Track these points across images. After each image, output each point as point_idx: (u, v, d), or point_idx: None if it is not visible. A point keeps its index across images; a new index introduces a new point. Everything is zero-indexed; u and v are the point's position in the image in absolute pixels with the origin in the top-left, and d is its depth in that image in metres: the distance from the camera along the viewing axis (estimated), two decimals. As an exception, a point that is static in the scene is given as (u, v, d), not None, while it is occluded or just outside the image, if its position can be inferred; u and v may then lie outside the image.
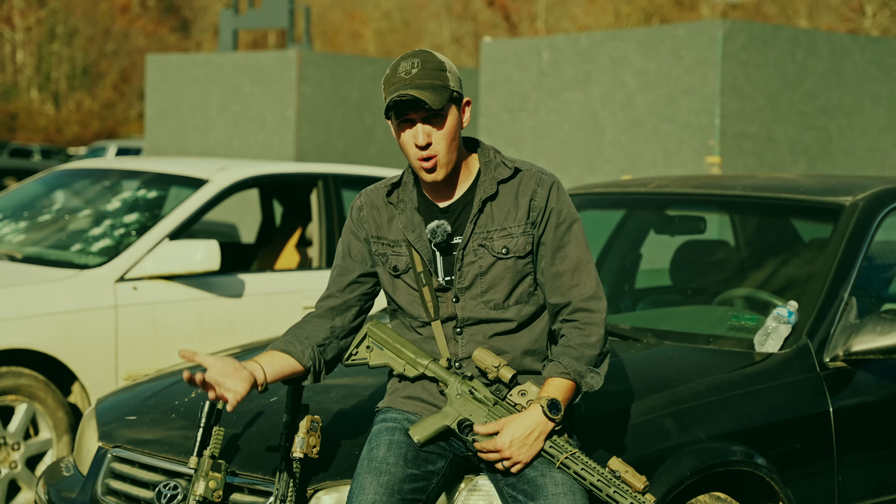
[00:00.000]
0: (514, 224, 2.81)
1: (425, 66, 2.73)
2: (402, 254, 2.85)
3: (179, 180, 5.95)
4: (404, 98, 2.69)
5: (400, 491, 2.70)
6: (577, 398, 2.76)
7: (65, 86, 44.76)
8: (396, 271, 2.86)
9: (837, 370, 3.55)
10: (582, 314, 2.79)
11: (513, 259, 2.81)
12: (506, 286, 2.80)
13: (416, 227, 2.84)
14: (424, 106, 2.70)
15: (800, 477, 3.36)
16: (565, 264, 2.81)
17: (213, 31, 48.01)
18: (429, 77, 2.71)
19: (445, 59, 2.78)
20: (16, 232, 6.03)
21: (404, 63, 2.74)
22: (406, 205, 2.86)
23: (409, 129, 2.76)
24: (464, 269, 2.81)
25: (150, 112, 14.81)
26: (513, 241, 2.80)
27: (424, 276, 2.82)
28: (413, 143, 2.75)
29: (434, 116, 2.74)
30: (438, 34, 46.34)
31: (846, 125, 10.81)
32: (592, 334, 2.78)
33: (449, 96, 2.73)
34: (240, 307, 5.57)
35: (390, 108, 2.73)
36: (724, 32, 9.99)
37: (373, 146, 14.03)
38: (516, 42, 12.06)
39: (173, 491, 3.10)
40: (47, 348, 4.99)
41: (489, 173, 2.84)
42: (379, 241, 2.89)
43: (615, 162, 10.68)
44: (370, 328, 2.90)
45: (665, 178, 4.69)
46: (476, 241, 2.81)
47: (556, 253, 2.81)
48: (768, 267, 4.31)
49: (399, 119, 2.76)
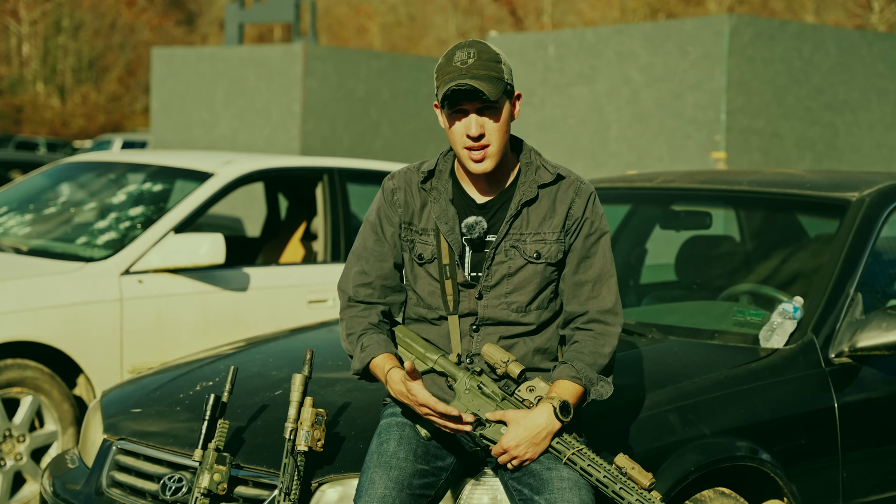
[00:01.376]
0: (549, 231, 2.79)
1: (482, 56, 2.69)
2: (430, 243, 2.83)
3: (185, 173, 5.95)
4: (462, 87, 2.65)
5: (409, 486, 2.70)
6: (583, 404, 2.77)
7: (70, 79, 44.80)
8: (422, 260, 2.83)
9: (842, 366, 3.54)
10: (598, 325, 2.80)
11: (543, 265, 2.79)
12: (531, 290, 2.79)
13: (449, 219, 2.81)
14: (482, 97, 2.66)
15: (804, 472, 3.35)
16: (588, 275, 2.80)
17: (219, 24, 48.02)
18: (485, 68, 2.68)
19: (500, 51, 2.74)
20: (21, 225, 6.03)
21: (460, 52, 2.70)
22: (440, 194, 2.83)
23: (462, 120, 2.72)
24: (493, 267, 2.79)
25: (156, 105, 14.82)
26: (546, 248, 2.79)
27: (450, 268, 2.80)
28: (465, 134, 2.71)
29: (488, 108, 2.70)
30: (444, 29, 46.30)
31: (853, 121, 10.79)
32: (606, 345, 2.78)
33: (504, 88, 2.70)
34: (245, 301, 5.57)
35: (446, 97, 2.68)
36: (731, 28, 9.98)
37: (378, 140, 14.03)
38: (522, 37, 12.05)
39: (178, 483, 3.11)
40: (53, 341, 5.00)
41: (529, 175, 2.81)
42: (409, 227, 2.86)
43: (621, 157, 10.67)
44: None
45: (671, 174, 4.68)
46: (509, 241, 2.79)
47: (581, 262, 2.81)
48: (774, 262, 4.31)
49: (452, 109, 2.72)
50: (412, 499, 2.70)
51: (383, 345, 2.78)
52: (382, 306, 2.86)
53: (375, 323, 2.83)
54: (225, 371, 3.50)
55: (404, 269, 2.89)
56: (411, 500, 2.70)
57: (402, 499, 2.68)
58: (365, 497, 2.68)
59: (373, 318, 2.83)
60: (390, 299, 2.88)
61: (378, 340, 2.79)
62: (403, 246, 2.87)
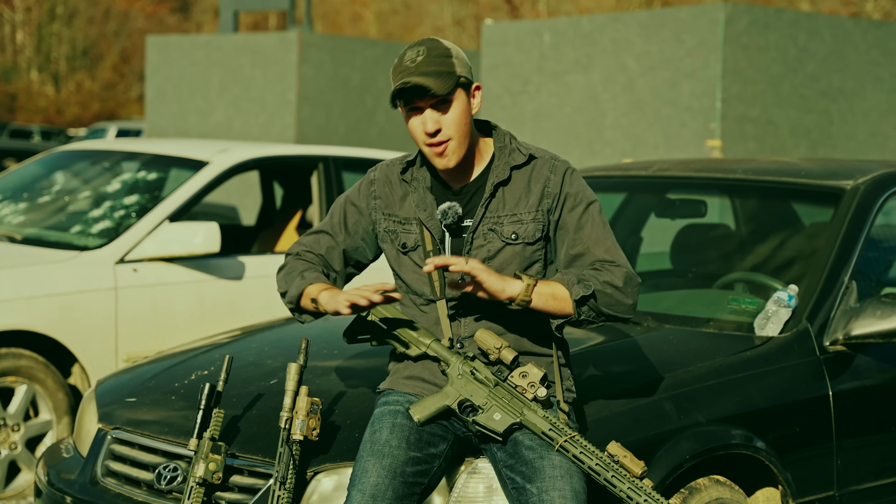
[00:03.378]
0: (525, 210, 2.81)
1: (430, 53, 2.74)
2: (413, 231, 2.86)
3: (180, 162, 5.94)
4: (408, 85, 2.70)
5: (402, 473, 2.71)
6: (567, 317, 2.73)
7: (65, 67, 44.67)
8: (405, 248, 2.87)
9: (837, 354, 3.55)
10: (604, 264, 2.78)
11: (521, 245, 2.81)
12: (512, 271, 2.79)
13: (427, 206, 2.85)
14: (429, 92, 2.70)
15: (799, 460, 3.36)
16: (584, 245, 2.80)
17: (214, 12, 47.89)
18: (434, 64, 2.72)
19: (452, 46, 2.78)
20: (15, 213, 6.02)
21: (410, 52, 2.77)
22: (419, 183, 2.88)
23: (418, 116, 2.77)
24: (472, 251, 2.81)
25: (151, 94, 14.78)
26: (522, 228, 2.81)
27: (434, 254, 2.82)
28: (422, 130, 2.76)
29: (442, 103, 2.74)
30: (440, 16, 46.21)
31: (847, 109, 10.79)
32: (604, 276, 2.75)
33: (455, 81, 2.73)
34: (240, 289, 5.57)
35: (396, 95, 2.74)
36: (726, 15, 9.97)
37: (373, 128, 14.01)
38: (518, 25, 12.03)
39: (173, 473, 3.11)
40: (47, 330, 4.99)
41: (503, 158, 2.84)
42: (389, 217, 2.90)
43: (616, 145, 10.67)
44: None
45: (666, 162, 4.68)
46: (486, 225, 2.82)
47: (574, 235, 2.81)
48: (769, 251, 4.31)
49: (407, 107, 2.77)
50: (405, 486, 2.71)
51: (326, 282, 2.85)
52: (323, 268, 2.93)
53: (318, 270, 2.90)
54: (220, 360, 3.50)
55: (389, 259, 2.92)
56: (404, 488, 2.70)
57: (394, 486, 2.69)
58: (358, 485, 2.69)
59: (316, 268, 2.90)
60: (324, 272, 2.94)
61: (320, 279, 2.86)
62: (385, 237, 2.90)
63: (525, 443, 2.72)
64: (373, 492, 2.67)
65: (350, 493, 2.70)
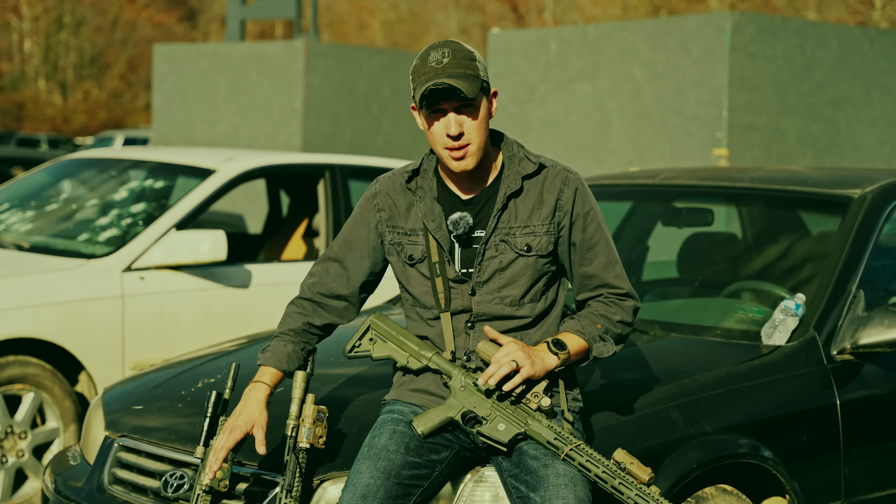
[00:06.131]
0: (539, 222, 2.80)
1: (456, 55, 2.70)
2: (419, 243, 2.83)
3: (186, 170, 5.95)
4: (440, 87, 2.65)
5: (398, 476, 2.70)
6: (584, 362, 2.79)
7: (72, 75, 44.78)
8: (412, 260, 2.84)
9: (845, 363, 3.54)
10: (613, 296, 2.85)
11: (534, 257, 2.80)
12: (524, 284, 2.79)
13: (436, 217, 2.81)
14: (459, 94, 2.66)
15: (806, 469, 3.35)
16: (594, 266, 2.84)
17: (221, 21, 48.01)
18: (460, 66, 2.68)
19: (474, 49, 2.75)
20: (23, 221, 6.03)
21: (434, 53, 2.70)
22: (426, 193, 2.84)
23: (441, 119, 2.72)
24: (484, 262, 2.79)
25: (158, 102, 14.81)
26: (536, 240, 2.79)
27: (440, 266, 2.80)
28: (445, 133, 2.72)
29: (466, 106, 2.71)
30: (446, 25, 46.26)
31: (854, 118, 10.78)
32: (617, 314, 2.82)
33: (480, 86, 2.70)
34: (246, 297, 5.57)
35: (424, 97, 2.69)
36: (733, 24, 9.96)
37: (380, 137, 14.02)
38: (524, 33, 12.04)
39: (179, 480, 3.11)
40: (54, 337, 5.00)
41: (513, 168, 2.82)
42: (394, 229, 2.86)
43: (622, 154, 10.66)
44: (373, 320, 2.88)
45: (672, 170, 4.68)
46: (498, 236, 2.79)
47: (585, 253, 2.83)
48: (776, 259, 4.30)
49: (430, 109, 2.72)
50: (400, 487, 2.70)
51: (283, 360, 2.86)
52: (324, 312, 2.91)
53: (296, 329, 2.89)
54: (227, 368, 3.50)
55: (396, 273, 2.90)
56: (398, 489, 2.69)
57: (387, 487, 2.67)
58: (349, 486, 2.69)
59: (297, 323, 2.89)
60: (335, 304, 2.92)
61: (279, 351, 2.86)
62: (391, 250, 2.88)
63: (529, 452, 2.71)
64: (363, 491, 2.66)
65: (342, 494, 2.70)
